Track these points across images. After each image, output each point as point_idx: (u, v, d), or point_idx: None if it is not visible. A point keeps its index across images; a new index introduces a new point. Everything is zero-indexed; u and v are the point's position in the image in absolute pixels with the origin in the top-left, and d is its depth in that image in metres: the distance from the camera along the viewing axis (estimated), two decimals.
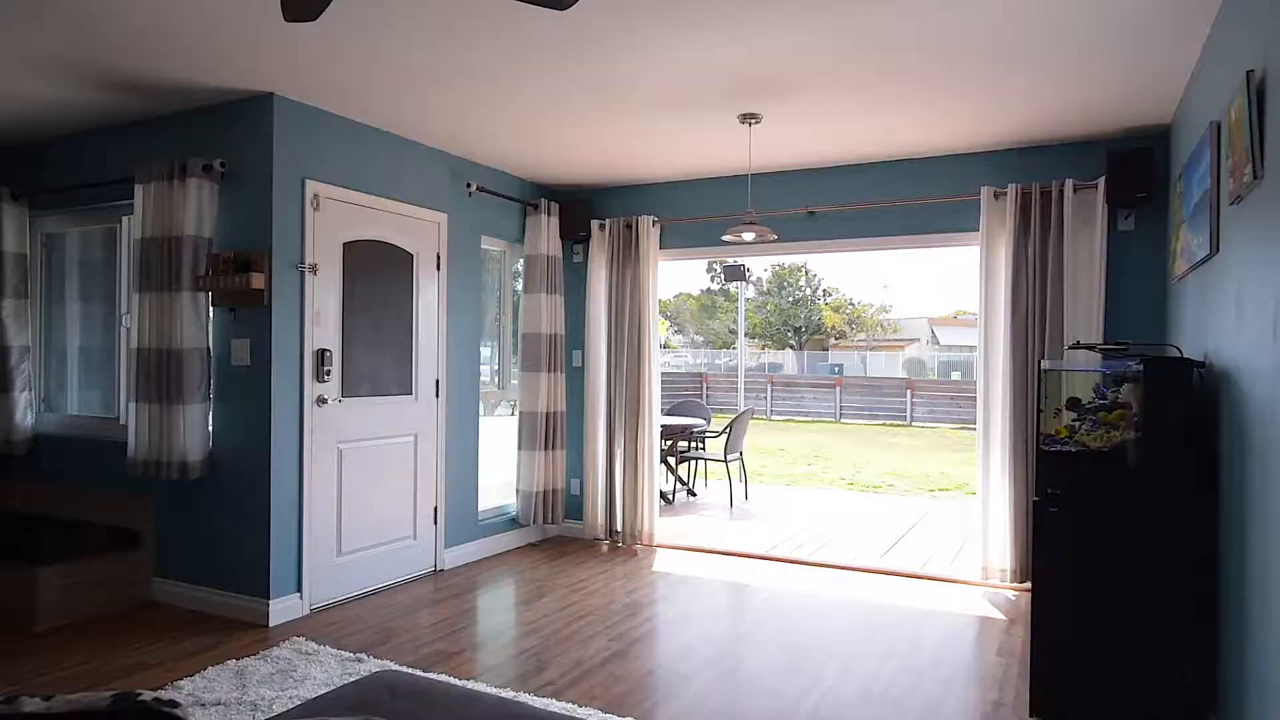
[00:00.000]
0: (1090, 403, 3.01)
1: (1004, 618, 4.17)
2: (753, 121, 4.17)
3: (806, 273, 30.34)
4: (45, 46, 3.30)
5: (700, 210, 5.50)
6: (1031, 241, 4.46)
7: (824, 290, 30.79)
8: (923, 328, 31.45)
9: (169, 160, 3.99)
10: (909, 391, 19.90)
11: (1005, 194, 4.54)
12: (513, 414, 5.81)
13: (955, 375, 25.16)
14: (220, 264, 3.96)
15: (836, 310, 30.46)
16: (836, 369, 26.13)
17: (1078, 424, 2.96)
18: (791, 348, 30.32)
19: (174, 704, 0.91)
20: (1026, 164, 4.62)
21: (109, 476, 4.42)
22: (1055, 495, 2.93)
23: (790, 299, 30.35)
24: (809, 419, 20.40)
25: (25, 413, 4.71)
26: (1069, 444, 2.94)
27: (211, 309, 4.07)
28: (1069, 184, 4.36)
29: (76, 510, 4.53)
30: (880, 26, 3.03)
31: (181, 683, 3.16)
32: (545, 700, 3.06)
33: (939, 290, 43.51)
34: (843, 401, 20.51)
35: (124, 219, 4.52)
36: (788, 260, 28.54)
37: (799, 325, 30.18)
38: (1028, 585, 4.50)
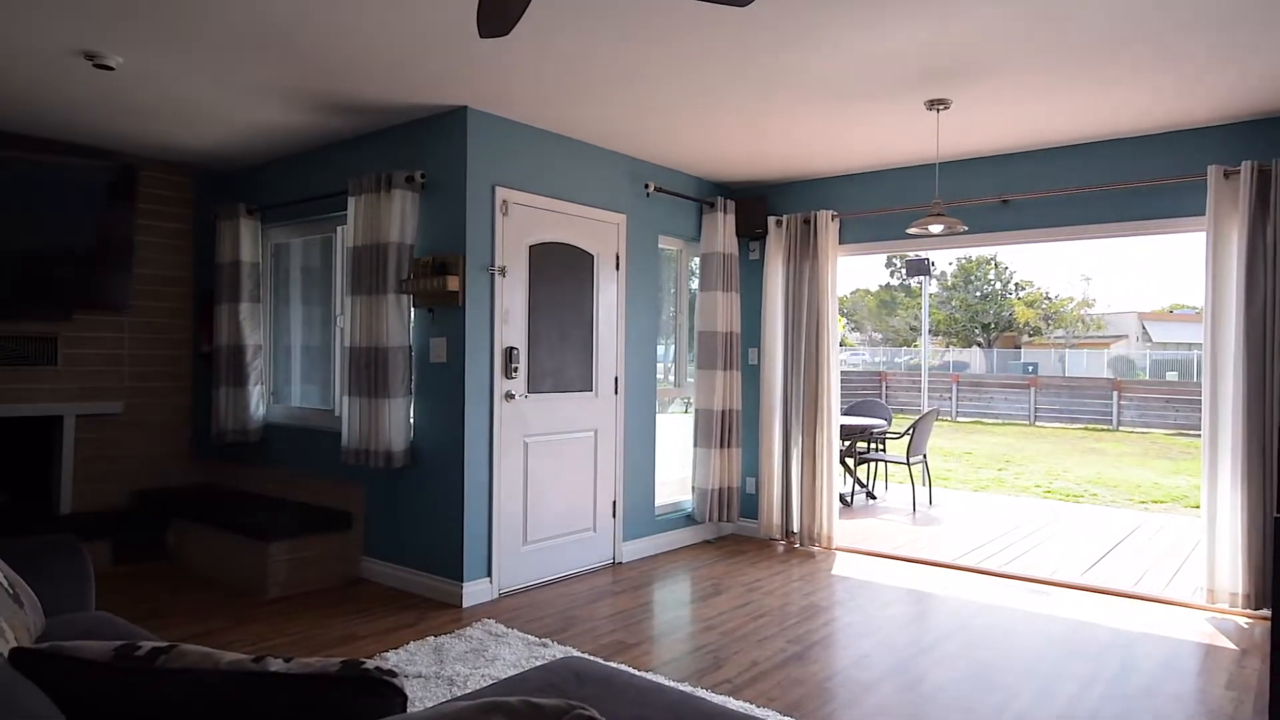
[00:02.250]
0: None
1: (1235, 647, 3.72)
2: (941, 108, 3.96)
3: (996, 265, 28.52)
4: (277, 78, 3.69)
5: (882, 203, 5.30)
6: (1271, 225, 3.95)
7: (1016, 284, 28.81)
8: (1131, 323, 28.71)
9: (376, 174, 4.34)
10: (1115, 393, 18.21)
11: (1238, 173, 4.05)
12: (687, 411, 5.86)
13: (1171, 375, 22.79)
14: (420, 268, 4.27)
15: (1030, 305, 28.40)
16: (1030, 368, 24.39)
17: None
18: (979, 345, 28.63)
19: (393, 673, 0.99)
20: (1263, 137, 4.10)
21: (325, 463, 4.88)
22: None
23: (978, 294, 28.64)
24: (999, 421, 19.17)
25: (258, 405, 5.29)
26: None
27: (413, 310, 4.39)
28: None
29: (299, 493, 5.03)
30: None
31: (387, 654, 3.43)
32: (723, 697, 3.06)
33: (1151, 282, 39.57)
34: (1037, 403, 19.10)
35: (339, 229, 4.97)
36: (975, 253, 26.96)
37: (987, 322, 28.42)
38: (1265, 613, 3.99)
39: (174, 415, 5.57)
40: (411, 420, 4.41)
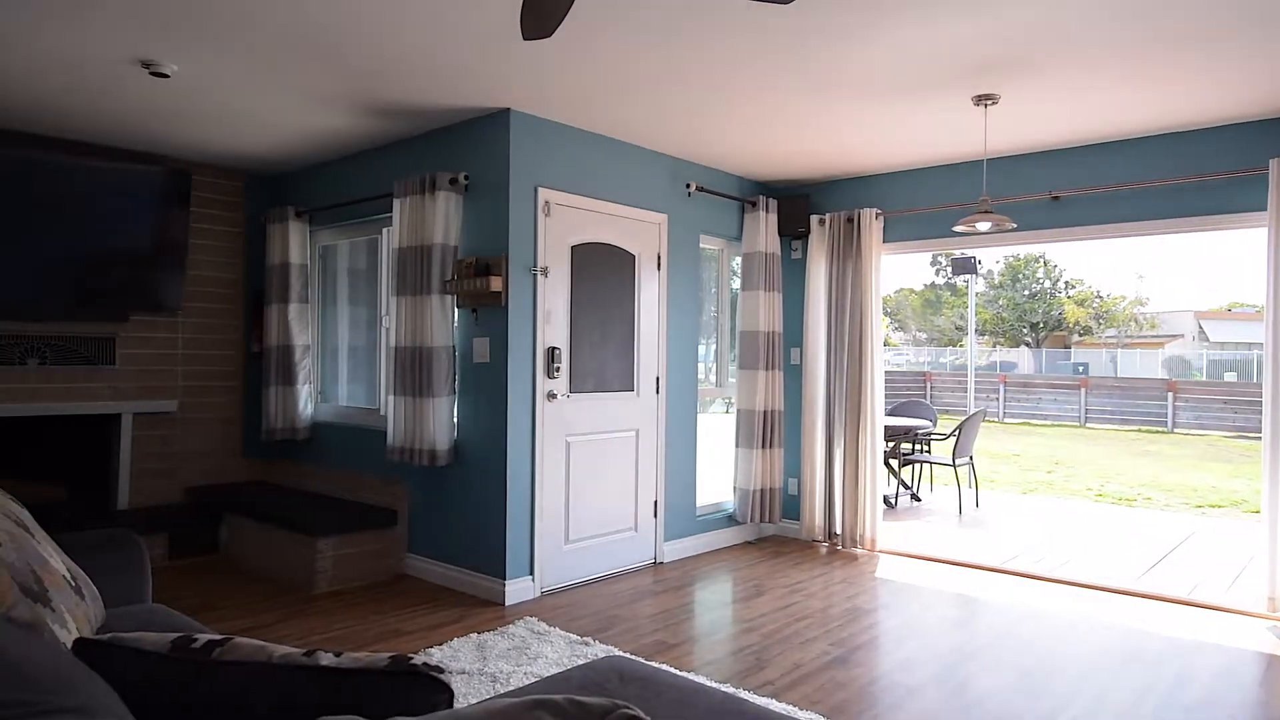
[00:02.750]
0: None
1: None
2: (989, 103, 3.89)
3: (1045, 263, 27.89)
4: (325, 83, 3.76)
5: (928, 200, 5.22)
6: None
7: (1066, 282, 28.14)
8: (1187, 322, 27.87)
9: (421, 176, 4.40)
10: (1170, 394, 17.71)
11: None
12: (728, 411, 5.83)
13: (1230, 376, 22.07)
14: (463, 269, 4.31)
15: (1081, 304, 27.72)
16: (1081, 368, 23.83)
17: None
18: (1027, 345, 28.04)
19: (440, 669, 1.00)
20: None
21: (371, 461, 4.96)
22: None
23: (1026, 292, 28.04)
24: (1048, 422, 18.77)
25: (306, 403, 5.40)
26: None
27: (456, 310, 4.44)
28: None
29: (345, 490, 5.12)
30: None
31: (432, 650, 3.48)
32: (765, 700, 3.04)
33: (1208, 280, 38.33)
34: (1088, 404, 18.65)
35: (384, 230, 5.05)
36: (1023, 250, 26.41)
37: (1036, 321, 27.81)
38: None
39: (226, 413, 5.70)
40: (455, 419, 4.46)
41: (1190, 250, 36.96)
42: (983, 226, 4.21)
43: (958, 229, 4.36)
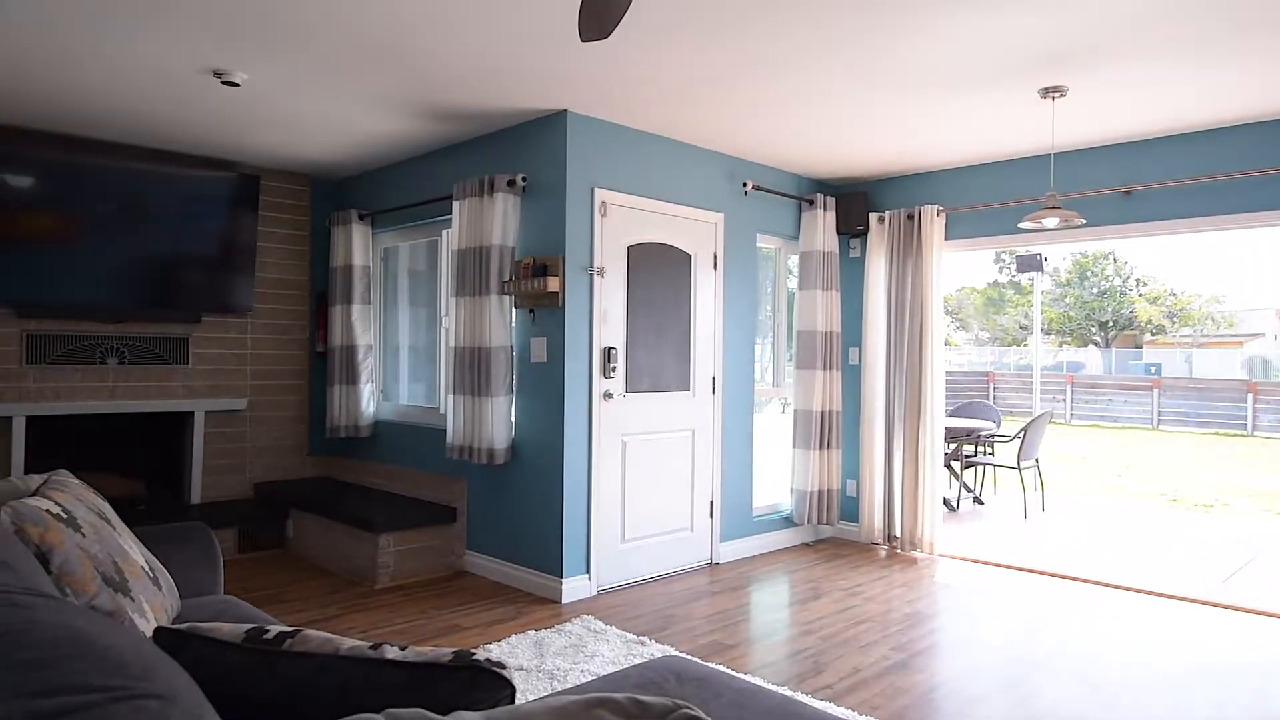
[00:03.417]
0: None
1: None
2: (1056, 95, 3.78)
3: (1115, 260, 26.93)
4: (387, 89, 3.84)
5: (991, 196, 5.09)
6: None
7: (1137, 280, 27.13)
8: (1269, 321, 26.62)
9: (479, 178, 4.46)
10: (1250, 395, 16.97)
11: None
12: (784, 412, 5.78)
13: None
14: (521, 270, 4.36)
15: (1153, 302, 26.70)
16: (1153, 369, 22.98)
17: None
18: (1096, 345, 27.13)
19: (502, 665, 1.02)
20: None
21: (431, 459, 5.05)
22: None
23: (1094, 290, 27.12)
24: (1118, 425, 18.16)
25: (369, 402, 5.52)
26: None
27: (514, 310, 4.49)
28: None
29: (406, 487, 5.23)
30: None
31: (490, 646, 3.52)
32: (824, 703, 3.00)
33: None
34: (1161, 405, 17.99)
35: (444, 232, 5.13)
36: (1092, 247, 25.53)
37: (1105, 320, 26.89)
38: None
39: (292, 411, 5.87)
40: (513, 418, 4.51)
41: (1271, 245, 35.28)
42: (1050, 223, 4.09)
43: (1024, 225, 4.24)
